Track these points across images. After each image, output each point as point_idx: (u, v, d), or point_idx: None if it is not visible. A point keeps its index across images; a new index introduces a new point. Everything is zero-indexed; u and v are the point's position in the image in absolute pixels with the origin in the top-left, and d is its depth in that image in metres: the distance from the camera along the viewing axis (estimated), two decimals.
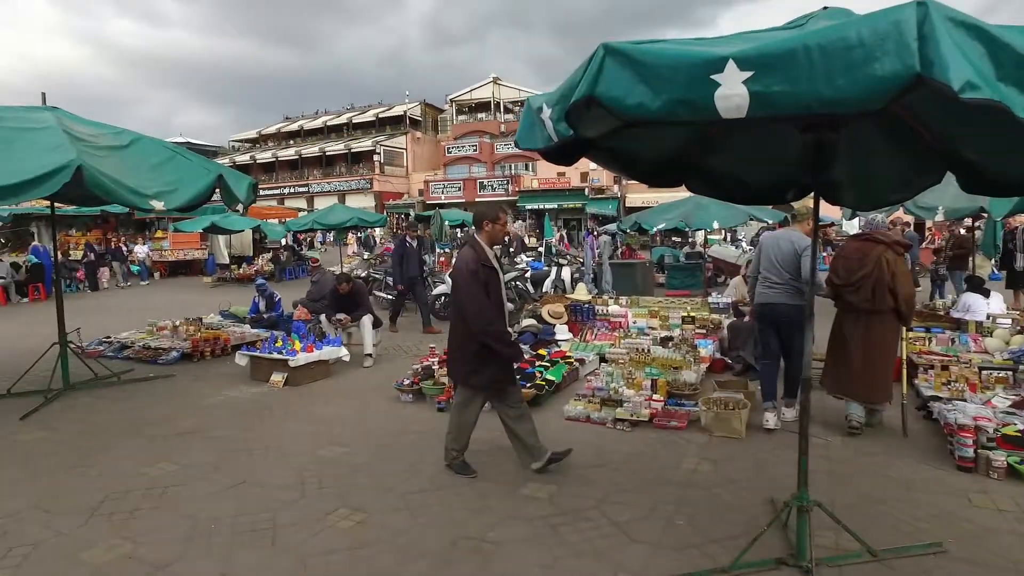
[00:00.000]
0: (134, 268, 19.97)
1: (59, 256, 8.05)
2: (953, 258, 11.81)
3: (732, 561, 3.05)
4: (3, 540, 3.48)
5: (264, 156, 53.15)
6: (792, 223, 5.66)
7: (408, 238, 10.15)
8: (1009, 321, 6.94)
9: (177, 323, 9.41)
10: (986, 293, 8.79)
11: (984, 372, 5.61)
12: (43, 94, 6.55)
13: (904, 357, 5.38)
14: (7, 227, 20.08)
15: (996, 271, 13.60)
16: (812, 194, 3.61)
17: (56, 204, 6.86)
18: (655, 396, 5.54)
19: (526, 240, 25.06)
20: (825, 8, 2.91)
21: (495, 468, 4.39)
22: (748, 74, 1.95)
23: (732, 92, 1.97)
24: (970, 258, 11.36)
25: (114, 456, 4.75)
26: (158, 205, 5.51)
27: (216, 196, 6.38)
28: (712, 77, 1.99)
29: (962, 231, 12.61)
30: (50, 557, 3.29)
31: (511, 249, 19.93)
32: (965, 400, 5.17)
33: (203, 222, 18.59)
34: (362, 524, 3.60)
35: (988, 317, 7.44)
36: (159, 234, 23.53)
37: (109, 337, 9.27)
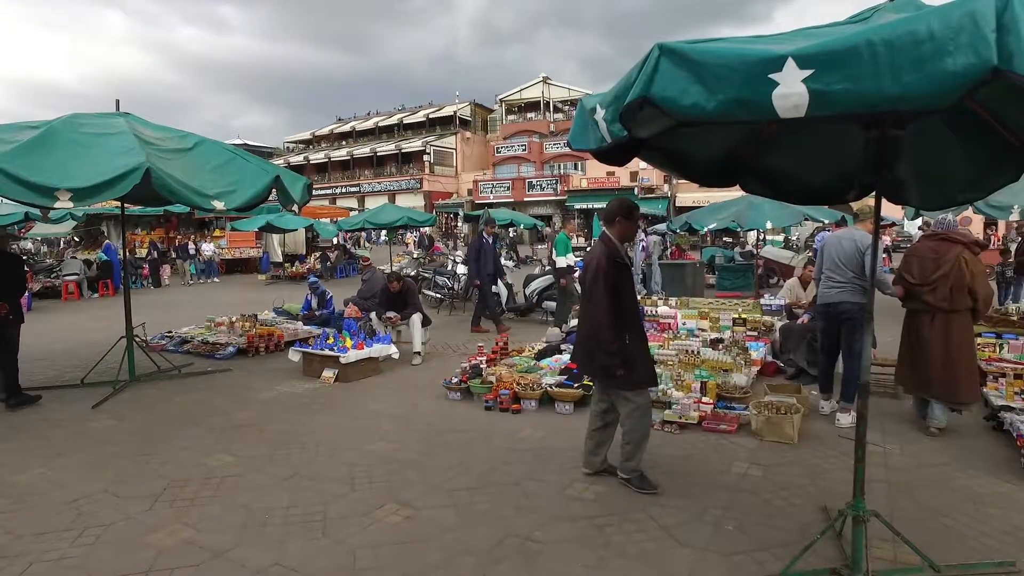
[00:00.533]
0: (191, 268, 20.44)
1: (126, 254, 8.44)
2: (1022, 264, 11.20)
3: (783, 569, 2.98)
4: (79, 520, 3.69)
5: (317, 157, 54.55)
6: (855, 223, 5.59)
7: (485, 235, 10.29)
8: None
9: (234, 319, 9.76)
10: None
11: None
12: (117, 101, 6.89)
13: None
14: (81, 226, 21.16)
15: None
16: (873, 193, 3.49)
17: (125, 204, 7.20)
18: (704, 399, 5.44)
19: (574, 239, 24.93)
20: (891, 0, 2.81)
21: (541, 468, 4.39)
22: (808, 72, 1.90)
23: (791, 91, 1.92)
24: None
25: (175, 446, 4.96)
26: (219, 205, 5.73)
27: (272, 196, 6.59)
28: (770, 76, 1.95)
29: None
30: (119, 539, 3.46)
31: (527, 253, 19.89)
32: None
33: (258, 221, 19.20)
34: (410, 519, 3.66)
35: None
36: (217, 233, 24.39)
37: (171, 332, 9.68)
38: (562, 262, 9.88)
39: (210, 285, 19.53)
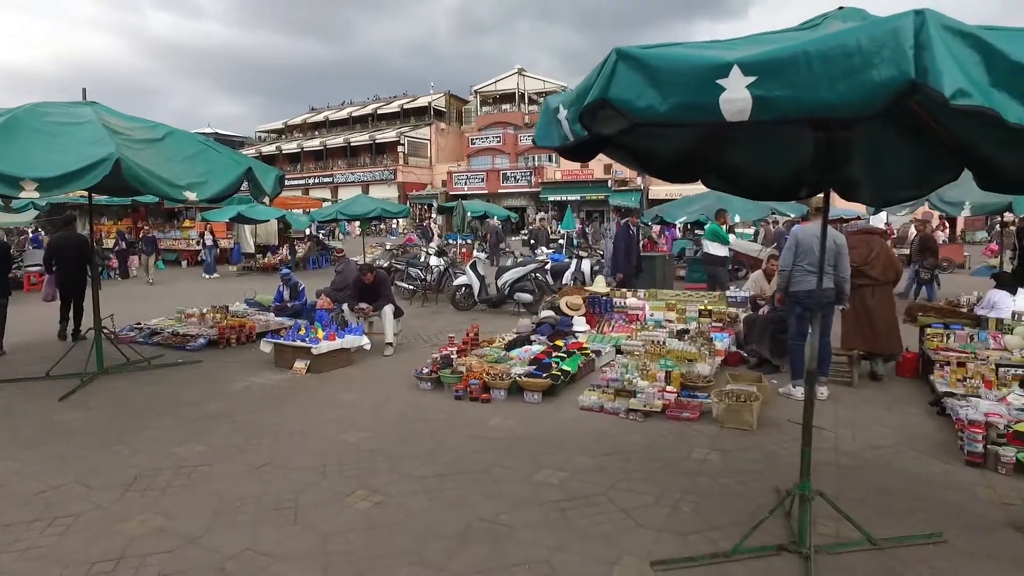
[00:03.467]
0: (159, 265, 19.58)
1: (94, 244, 8.35)
2: (921, 251, 12.33)
3: (733, 546, 3.15)
4: (48, 510, 3.72)
5: (290, 147, 53.88)
6: (811, 217, 5.88)
7: (631, 225, 10.52)
8: None
9: (204, 311, 9.70)
10: (1013, 291, 8.72)
11: (1001, 369, 5.60)
12: (83, 89, 6.80)
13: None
14: (44, 216, 20.65)
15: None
16: (827, 191, 3.68)
17: (92, 194, 7.12)
18: (668, 387, 5.62)
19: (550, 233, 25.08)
20: (841, 8, 2.97)
21: (509, 455, 4.52)
22: (752, 79, 2.03)
23: (736, 96, 2.06)
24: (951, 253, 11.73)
25: (146, 436, 4.98)
26: (191, 196, 5.73)
27: (244, 187, 6.58)
28: (717, 81, 2.08)
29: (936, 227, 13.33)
30: (90, 527, 3.51)
31: (502, 245, 20.03)
32: (980, 397, 5.19)
33: (230, 212, 18.96)
34: (380, 505, 3.76)
35: (1013, 315, 7.37)
36: (187, 223, 24.03)
37: (140, 323, 9.60)
38: (719, 250, 10.52)
39: (172, 275, 19.22)
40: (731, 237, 16.94)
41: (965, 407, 4.84)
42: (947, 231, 26.24)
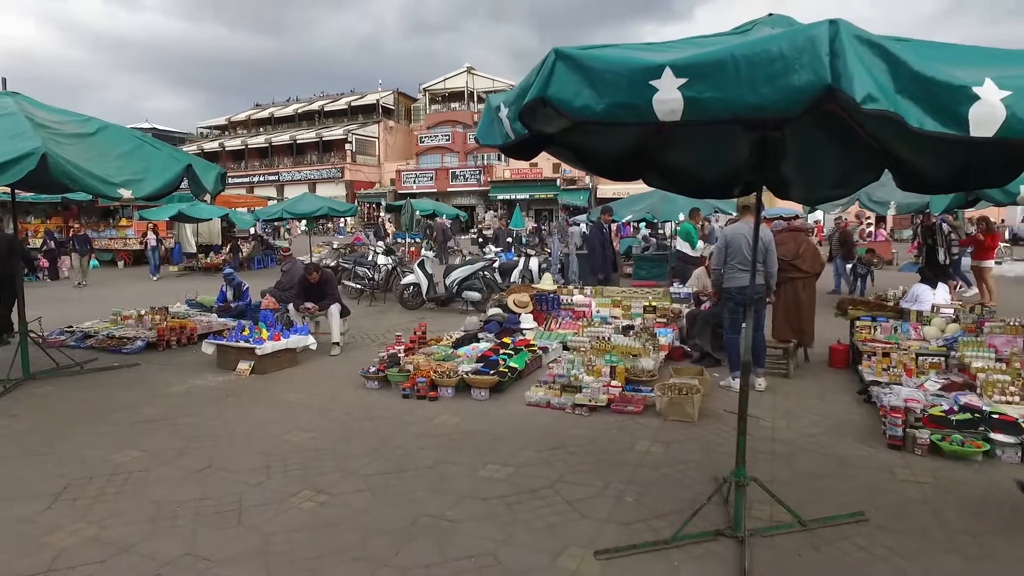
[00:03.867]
0: (92, 264, 18.37)
1: (19, 243, 7.94)
2: (840, 246, 13.48)
3: (673, 533, 3.26)
4: None
5: (233, 143, 52.36)
6: (741, 215, 6.10)
7: (603, 223, 10.48)
8: (951, 311, 7.30)
9: (142, 312, 9.35)
10: (934, 284, 9.26)
11: (920, 358, 5.94)
12: (3, 79, 6.46)
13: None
14: None
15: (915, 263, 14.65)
16: (760, 189, 3.84)
17: (16, 191, 6.77)
18: (613, 382, 5.74)
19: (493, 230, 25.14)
20: (770, 15, 3.11)
21: (456, 451, 4.54)
22: (683, 81, 2.12)
23: (668, 97, 2.14)
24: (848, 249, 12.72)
25: (77, 443, 4.78)
26: (126, 193, 5.52)
27: (184, 184, 6.37)
28: (651, 83, 2.15)
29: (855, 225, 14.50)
30: (14, 541, 3.35)
31: (451, 243, 20.05)
32: (901, 384, 5.50)
33: (170, 210, 18.30)
34: (325, 505, 3.73)
35: (932, 307, 7.82)
36: (123, 222, 23.03)
37: (71, 327, 9.17)
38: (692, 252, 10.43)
39: (111, 276, 18.42)
40: (679, 239, 17.41)
41: (888, 394, 5.14)
42: (886, 229, 27.44)
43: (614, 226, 18.67)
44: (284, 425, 5.15)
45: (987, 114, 1.83)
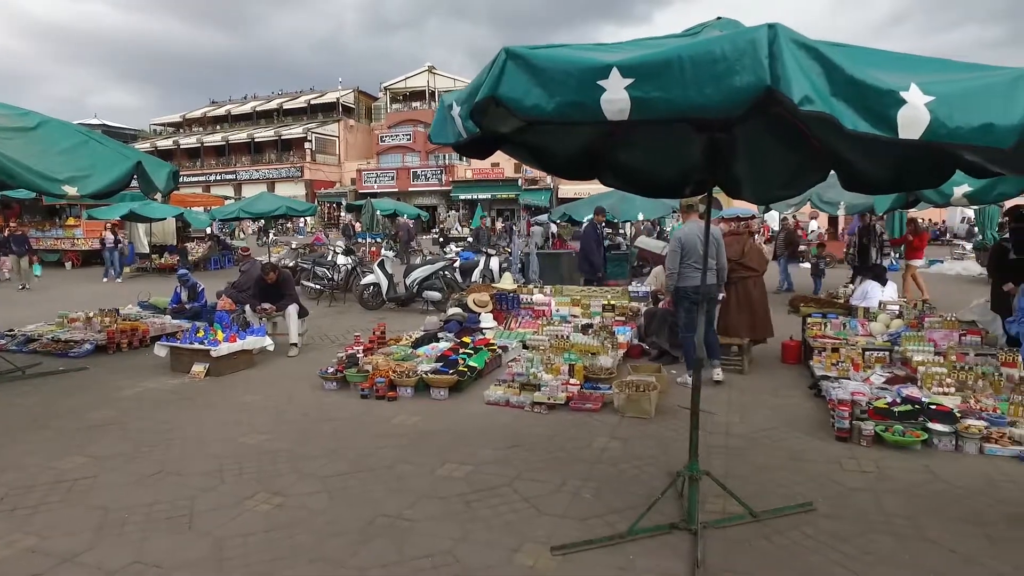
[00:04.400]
0: (35, 269, 16.54)
1: None
2: (786, 245, 14.07)
3: (629, 527, 3.32)
4: None
5: (189, 141, 51.01)
6: (690, 214, 6.22)
7: (596, 223, 10.70)
8: (897, 307, 7.60)
9: (91, 314, 9.04)
10: (883, 282, 9.63)
11: (867, 353, 6.16)
12: None
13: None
14: None
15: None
16: (711, 189, 3.93)
17: None
18: (572, 380, 5.80)
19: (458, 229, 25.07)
20: (719, 18, 3.18)
21: (414, 451, 4.53)
22: (630, 81, 2.16)
23: (616, 97, 2.18)
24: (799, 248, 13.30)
25: (16, 451, 4.60)
26: (71, 191, 5.33)
27: (134, 182, 6.18)
28: (599, 83, 2.19)
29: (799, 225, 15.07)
30: None
31: (412, 243, 20.00)
32: (849, 378, 5.69)
33: (120, 209, 17.72)
34: (280, 507, 3.68)
35: (880, 304, 8.12)
36: (71, 221, 22.18)
37: (12, 330, 8.81)
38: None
39: (57, 278, 17.75)
40: (642, 237, 17.66)
41: (836, 388, 5.31)
42: (844, 228, 28.25)
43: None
44: (239, 427, 5.06)
45: (913, 117, 1.92)
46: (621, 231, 22.08)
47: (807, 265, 15.40)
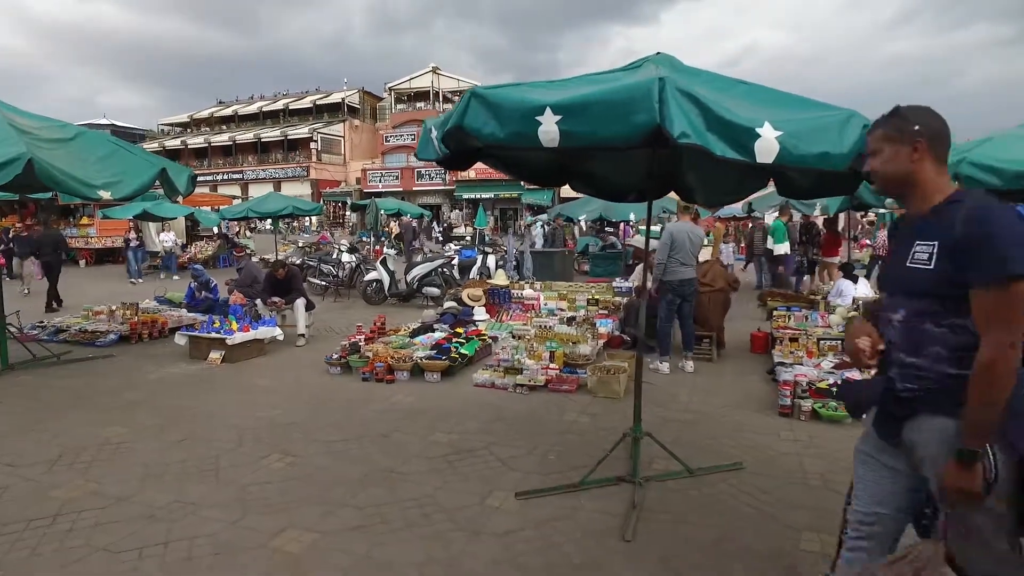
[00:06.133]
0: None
1: None
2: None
3: (581, 479, 3.98)
4: None
5: (196, 141, 51.81)
6: (680, 214, 6.89)
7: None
8: (850, 300, 8.24)
9: (114, 308, 9.76)
10: (855, 279, 10.27)
11: (822, 342, 6.80)
12: None
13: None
14: None
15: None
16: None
17: None
18: (552, 365, 6.46)
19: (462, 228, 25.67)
20: (658, 53, 3.83)
21: (408, 423, 5.20)
22: (559, 117, 2.82)
23: (549, 129, 2.84)
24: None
25: (65, 423, 5.30)
26: (106, 195, 6.03)
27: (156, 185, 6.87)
28: (536, 118, 2.86)
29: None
30: (22, 496, 3.89)
31: (415, 242, 20.63)
32: (802, 364, 6.33)
33: (134, 209, 18.36)
34: (292, 464, 4.36)
35: (853, 300, 8.75)
36: (84, 220, 23.00)
37: (43, 322, 9.55)
38: (780, 249, 10.98)
39: (74, 274, 18.49)
40: (636, 236, 18.27)
41: (787, 372, 5.95)
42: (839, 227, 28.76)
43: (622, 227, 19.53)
44: (255, 406, 5.74)
45: (767, 147, 2.58)
46: (611, 230, 22.75)
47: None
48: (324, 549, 3.25)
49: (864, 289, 9.75)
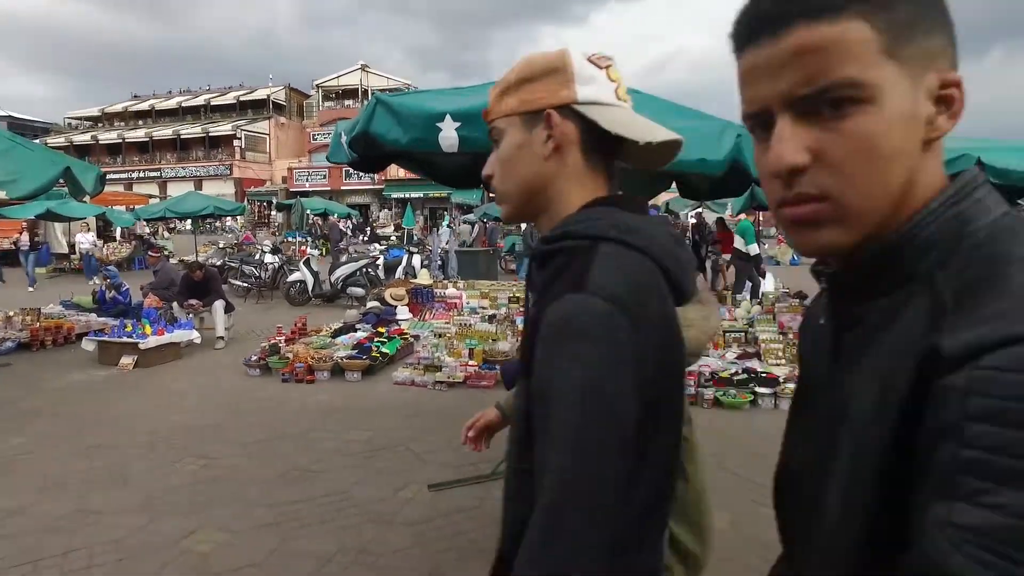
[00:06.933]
0: None
1: None
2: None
3: (492, 469, 4.15)
4: None
5: (108, 136, 49.08)
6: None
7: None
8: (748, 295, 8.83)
9: (11, 313, 9.21)
10: (763, 274, 10.98)
11: (727, 334, 7.25)
12: None
13: None
14: None
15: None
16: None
17: None
18: (471, 362, 6.62)
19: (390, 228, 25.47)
20: None
21: (326, 422, 5.24)
22: (458, 124, 2.97)
23: (449, 135, 2.98)
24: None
25: None
26: (0, 194, 5.74)
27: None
28: (437, 124, 2.99)
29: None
30: None
31: (342, 243, 20.44)
32: (708, 355, 6.74)
33: (35, 208, 17.14)
34: (206, 467, 4.33)
35: (761, 295, 9.34)
36: None
37: None
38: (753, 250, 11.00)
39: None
40: None
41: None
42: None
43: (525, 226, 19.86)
44: (169, 410, 5.62)
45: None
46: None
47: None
48: (235, 546, 3.28)
49: (772, 285, 10.45)
